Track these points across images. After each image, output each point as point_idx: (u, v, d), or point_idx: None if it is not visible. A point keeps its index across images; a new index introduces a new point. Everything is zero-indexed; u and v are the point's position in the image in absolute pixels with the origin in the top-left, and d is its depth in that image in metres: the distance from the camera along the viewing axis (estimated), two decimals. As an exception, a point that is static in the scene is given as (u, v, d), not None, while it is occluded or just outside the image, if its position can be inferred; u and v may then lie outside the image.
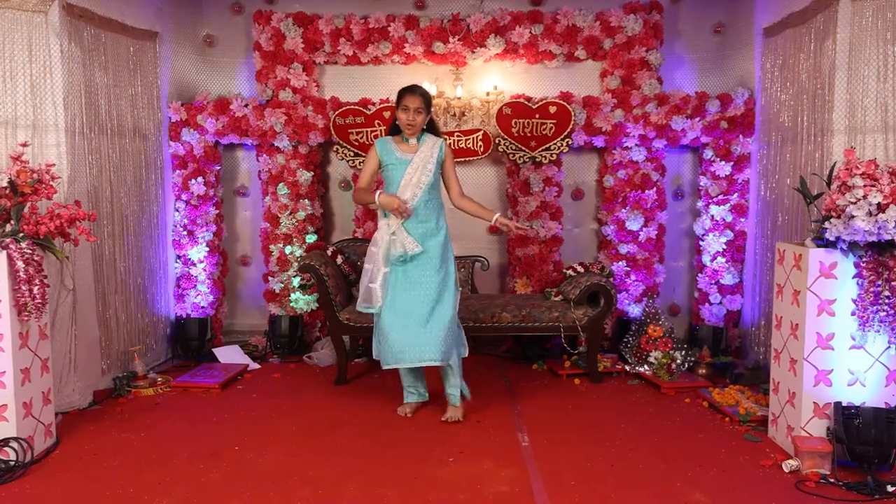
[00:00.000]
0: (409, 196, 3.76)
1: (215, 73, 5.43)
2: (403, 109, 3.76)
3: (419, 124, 3.79)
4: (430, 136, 3.89)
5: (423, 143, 3.84)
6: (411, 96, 3.76)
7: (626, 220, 5.14)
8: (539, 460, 3.32)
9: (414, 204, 3.76)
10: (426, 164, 3.80)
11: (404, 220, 3.75)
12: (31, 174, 3.34)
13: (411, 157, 3.80)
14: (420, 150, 3.82)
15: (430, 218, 3.82)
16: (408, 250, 3.74)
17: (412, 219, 3.76)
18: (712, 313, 5.13)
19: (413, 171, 3.78)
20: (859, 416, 3.14)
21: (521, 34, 5.10)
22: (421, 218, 3.78)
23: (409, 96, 3.76)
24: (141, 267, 4.78)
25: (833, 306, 3.23)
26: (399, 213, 3.70)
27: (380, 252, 3.79)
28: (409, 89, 3.79)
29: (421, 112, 3.77)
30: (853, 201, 3.05)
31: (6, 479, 3.10)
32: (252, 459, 3.34)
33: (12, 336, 3.22)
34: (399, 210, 3.68)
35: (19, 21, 3.78)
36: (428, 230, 3.80)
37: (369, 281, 3.81)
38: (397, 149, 3.84)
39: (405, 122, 3.77)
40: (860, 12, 3.72)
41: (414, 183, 3.78)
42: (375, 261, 3.80)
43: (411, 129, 3.79)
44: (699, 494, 2.97)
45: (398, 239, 3.75)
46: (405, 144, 3.85)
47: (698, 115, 5.01)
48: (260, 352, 5.23)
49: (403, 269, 3.78)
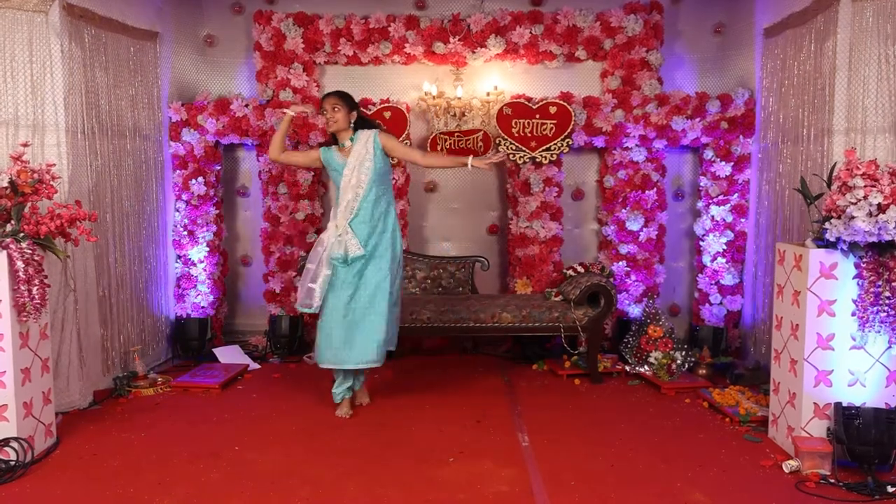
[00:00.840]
0: (352, 196, 3.83)
1: (216, 73, 5.43)
2: (322, 112, 3.94)
3: (341, 121, 3.89)
4: (363, 132, 3.95)
5: (356, 141, 3.92)
6: (325, 99, 3.93)
7: (626, 220, 5.14)
8: (539, 460, 3.32)
9: (358, 203, 3.83)
10: (362, 162, 3.86)
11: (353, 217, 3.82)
12: (32, 174, 3.34)
13: (346, 160, 3.90)
14: (354, 150, 3.89)
15: (377, 216, 3.88)
16: (349, 253, 3.81)
17: (359, 217, 3.83)
18: (712, 314, 5.13)
19: (350, 172, 3.86)
20: (859, 416, 3.14)
21: (521, 34, 5.10)
22: (366, 217, 3.85)
23: (324, 100, 3.93)
24: (141, 267, 4.78)
25: (833, 307, 3.23)
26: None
27: (324, 253, 3.85)
28: (325, 95, 3.97)
29: (338, 109, 3.88)
30: (853, 202, 3.05)
31: (6, 479, 3.10)
32: (252, 459, 3.34)
33: (13, 336, 3.22)
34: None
35: (20, 21, 3.78)
36: (374, 229, 3.86)
37: (310, 280, 3.85)
38: (337, 154, 3.95)
39: (327, 123, 3.92)
40: (860, 13, 3.72)
41: (353, 184, 3.85)
42: (318, 260, 3.86)
43: (333, 126, 3.91)
44: (699, 494, 2.97)
45: (343, 240, 3.81)
46: (342, 150, 3.96)
47: (698, 116, 5.01)
48: (260, 352, 5.24)
49: (344, 269, 3.83)
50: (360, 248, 3.81)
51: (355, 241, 3.81)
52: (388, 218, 3.91)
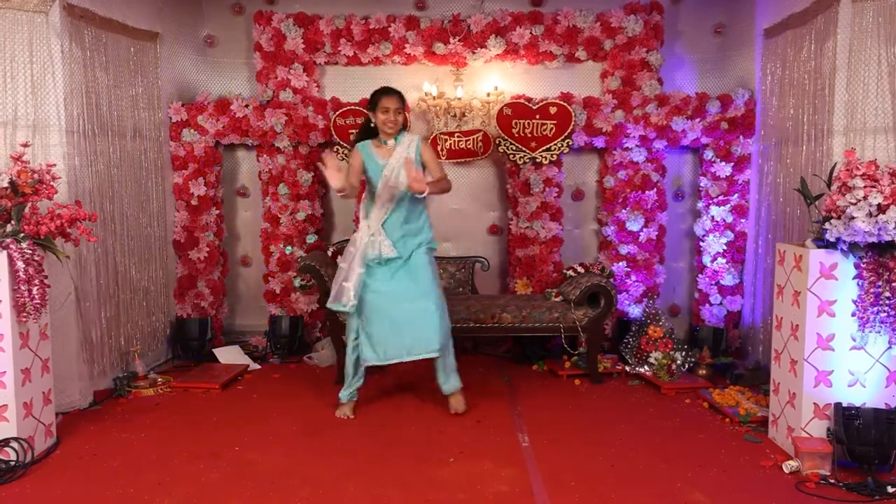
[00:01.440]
0: (388, 198, 3.81)
1: (216, 73, 5.43)
2: (384, 111, 3.82)
3: (399, 124, 3.85)
4: (406, 135, 3.93)
5: (399, 143, 3.87)
6: (389, 97, 3.83)
7: (626, 220, 5.14)
8: (539, 460, 3.32)
9: (394, 205, 3.81)
10: (402, 165, 3.82)
11: (386, 218, 3.80)
12: (32, 174, 3.34)
13: (387, 161, 3.84)
14: (396, 151, 3.85)
15: (412, 219, 3.86)
16: (383, 254, 3.79)
17: (394, 219, 3.81)
18: (712, 314, 5.13)
19: (389, 174, 3.82)
20: (859, 416, 3.14)
21: (521, 35, 5.10)
22: (402, 219, 3.83)
23: (387, 97, 3.83)
24: (141, 267, 4.78)
25: (833, 307, 3.23)
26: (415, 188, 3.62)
27: (357, 252, 3.81)
28: (385, 91, 3.87)
29: (400, 112, 3.85)
30: (853, 202, 3.05)
31: (6, 480, 3.10)
32: (252, 459, 3.34)
33: (13, 336, 3.22)
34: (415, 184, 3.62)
35: (20, 21, 3.78)
36: (409, 231, 3.85)
37: (343, 279, 3.83)
38: (376, 153, 3.88)
39: (385, 121, 3.81)
40: (860, 13, 3.72)
41: (391, 185, 3.82)
42: (351, 260, 3.83)
43: (392, 129, 3.83)
44: (699, 495, 2.97)
45: (376, 241, 3.80)
46: (383, 148, 3.89)
47: (699, 116, 5.01)
48: (260, 352, 5.23)
49: (382, 269, 3.82)
50: (392, 249, 3.80)
51: (388, 242, 3.81)
52: (421, 219, 3.91)
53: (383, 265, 3.82)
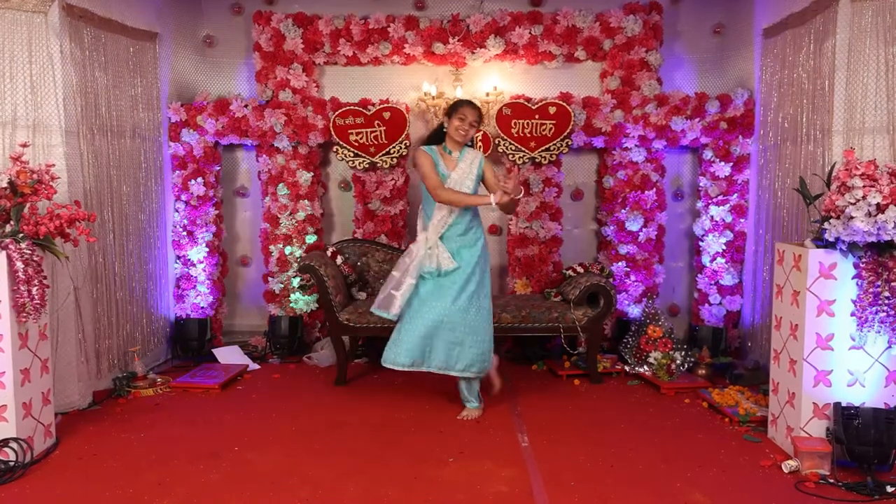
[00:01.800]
0: (447, 211, 3.83)
1: (215, 73, 5.43)
2: (461, 118, 3.82)
3: (470, 136, 3.88)
4: (470, 150, 3.96)
5: (463, 158, 3.90)
6: (470, 109, 3.85)
7: (625, 220, 5.14)
8: (539, 461, 3.32)
9: (453, 218, 3.83)
10: (464, 180, 3.86)
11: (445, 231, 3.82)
12: (31, 174, 3.34)
13: (450, 174, 3.86)
14: (459, 166, 3.88)
15: (469, 230, 3.89)
16: (442, 267, 3.79)
17: (452, 232, 3.83)
18: (712, 314, 5.13)
19: (452, 186, 3.83)
20: (859, 416, 3.14)
21: (520, 35, 5.10)
22: (459, 230, 3.85)
23: (467, 108, 3.84)
24: (140, 267, 4.78)
25: (832, 307, 3.24)
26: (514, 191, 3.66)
27: (412, 264, 3.82)
28: (468, 101, 3.92)
29: (475, 126, 3.86)
30: (852, 202, 3.05)
31: (6, 480, 3.09)
32: (252, 460, 3.34)
33: (12, 336, 3.22)
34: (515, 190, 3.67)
35: (19, 21, 3.78)
36: (465, 242, 3.87)
37: (392, 287, 3.84)
38: (441, 162, 3.89)
39: (458, 129, 3.82)
40: (860, 13, 3.72)
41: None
42: (405, 271, 3.83)
43: (462, 138, 3.85)
44: (699, 495, 2.97)
45: (434, 254, 3.80)
46: (447, 157, 3.91)
47: (698, 116, 5.01)
48: (260, 352, 5.24)
49: (438, 281, 3.82)
50: (451, 261, 3.80)
51: (447, 254, 3.82)
52: (477, 231, 3.93)
53: (443, 276, 3.81)
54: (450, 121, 3.86)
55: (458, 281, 3.80)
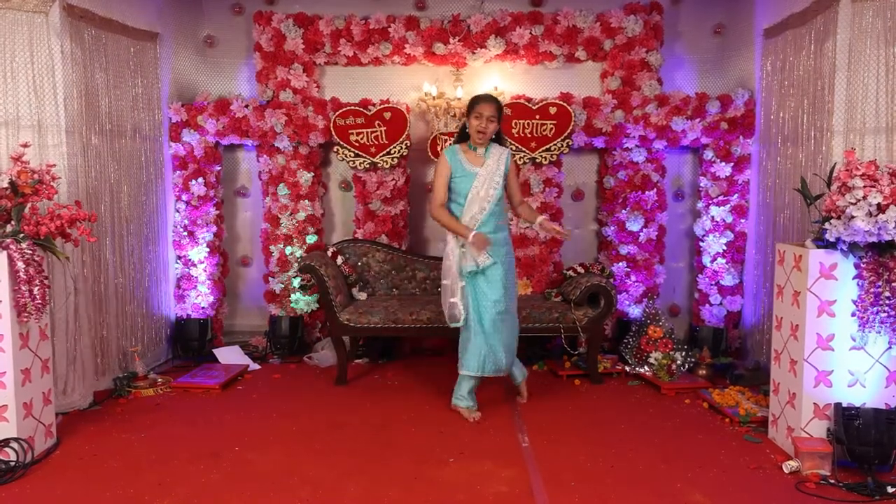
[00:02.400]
0: (477, 209, 3.81)
1: (216, 73, 5.43)
2: (477, 116, 3.79)
3: (490, 132, 3.83)
4: (496, 146, 3.92)
5: (490, 155, 3.87)
6: (486, 104, 3.81)
7: (626, 220, 5.14)
8: (539, 461, 3.32)
9: (483, 217, 3.81)
10: (493, 176, 3.83)
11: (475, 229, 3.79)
12: (32, 175, 3.34)
13: (478, 170, 3.83)
14: (487, 163, 3.84)
15: (499, 229, 3.88)
16: (479, 264, 3.79)
17: (482, 230, 3.79)
18: (712, 314, 5.13)
19: (480, 185, 3.81)
20: (859, 416, 3.14)
21: (521, 35, 5.10)
22: (491, 229, 3.83)
23: (483, 104, 3.81)
24: (141, 267, 4.78)
25: (833, 307, 3.23)
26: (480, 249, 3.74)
27: (454, 266, 3.84)
28: (483, 97, 3.87)
29: (493, 121, 3.81)
30: (853, 202, 3.05)
31: (6, 480, 3.10)
32: (252, 460, 3.34)
33: (13, 337, 3.22)
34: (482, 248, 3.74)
35: (20, 22, 3.78)
36: (497, 241, 3.84)
37: (449, 296, 3.87)
38: (465, 160, 3.86)
39: (477, 128, 3.79)
40: (860, 14, 3.72)
41: (482, 196, 3.81)
42: (451, 275, 3.85)
43: (483, 136, 3.82)
44: (699, 495, 2.97)
45: (468, 252, 3.79)
46: (472, 154, 3.87)
47: (698, 116, 5.01)
48: (260, 352, 5.24)
49: (481, 278, 3.82)
50: (487, 257, 3.78)
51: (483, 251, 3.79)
52: (506, 229, 3.94)
53: (483, 273, 3.81)
54: (469, 120, 3.85)
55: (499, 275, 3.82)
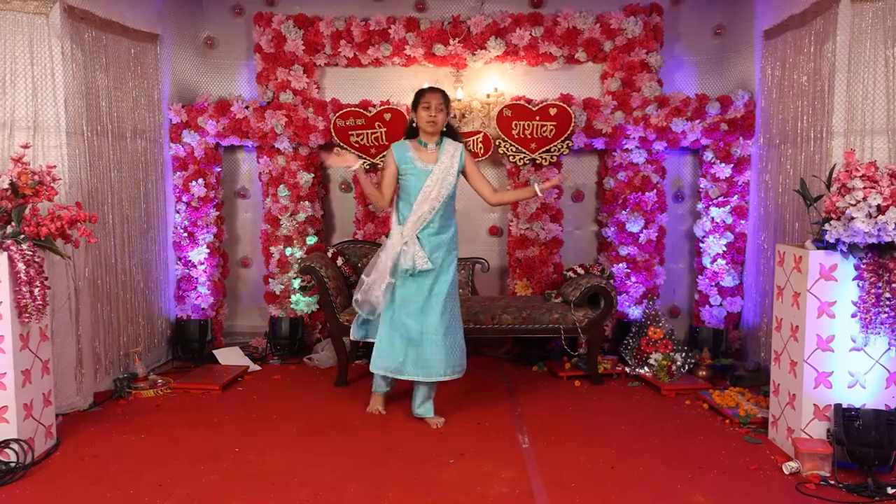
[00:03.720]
0: (427, 209, 3.66)
1: (216, 74, 5.43)
2: (425, 107, 3.67)
3: (441, 123, 3.69)
4: (450, 142, 3.76)
5: (444, 151, 3.72)
6: (432, 94, 3.69)
7: (626, 221, 5.14)
8: (539, 462, 3.32)
9: (431, 216, 3.68)
10: (447, 175, 3.68)
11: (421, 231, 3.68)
12: (32, 176, 3.34)
13: (432, 168, 3.68)
14: (441, 159, 3.70)
15: (444, 229, 3.73)
16: (417, 266, 3.65)
17: (429, 231, 3.68)
18: (712, 315, 5.13)
19: (433, 185, 3.66)
20: (859, 417, 3.14)
21: (521, 36, 5.11)
22: (437, 229, 3.70)
23: (429, 94, 3.69)
24: (141, 268, 4.78)
25: (833, 308, 3.24)
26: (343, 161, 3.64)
27: (388, 261, 3.68)
28: (428, 88, 3.75)
29: (442, 110, 3.67)
30: (853, 203, 3.05)
31: (6, 481, 3.10)
32: (252, 461, 3.34)
33: (13, 337, 3.22)
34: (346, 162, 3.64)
35: (20, 23, 3.79)
36: (442, 241, 3.72)
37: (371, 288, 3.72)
38: (416, 157, 3.72)
39: (426, 119, 3.66)
40: (860, 15, 3.72)
41: (433, 197, 3.67)
42: (382, 269, 3.69)
43: (433, 126, 3.67)
44: (699, 496, 2.97)
45: (409, 251, 3.65)
46: (424, 151, 3.73)
47: (698, 118, 5.01)
48: (260, 353, 5.24)
49: (411, 281, 3.70)
50: (427, 261, 3.64)
51: (422, 253, 3.65)
52: (452, 228, 3.78)
53: (415, 276, 3.68)
54: (417, 114, 3.71)
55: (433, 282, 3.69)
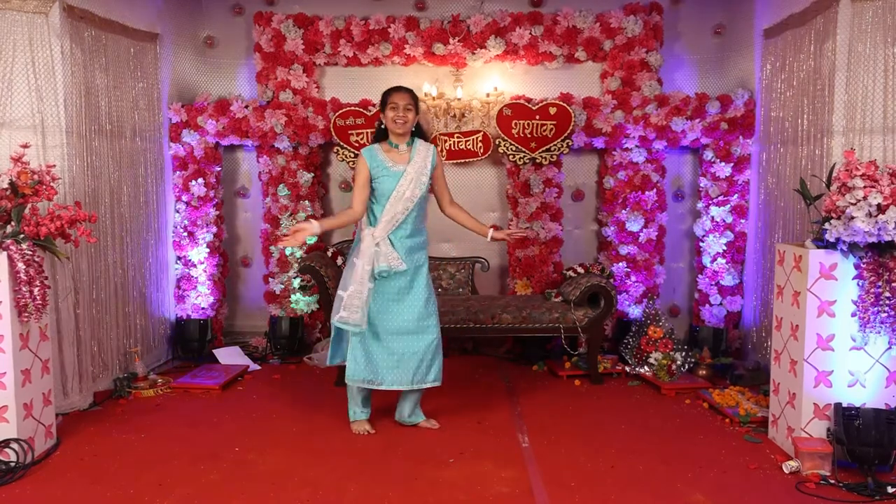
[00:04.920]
0: (401, 209, 3.56)
1: (216, 74, 5.43)
2: (392, 107, 3.55)
3: (410, 122, 3.58)
4: (421, 143, 3.68)
5: (416, 152, 3.63)
6: (399, 94, 3.56)
7: (626, 221, 5.14)
8: (539, 461, 3.32)
9: (404, 217, 3.59)
10: (420, 175, 3.59)
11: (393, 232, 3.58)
12: (32, 175, 3.34)
13: (404, 169, 3.58)
14: (413, 160, 3.60)
15: (417, 232, 3.65)
16: (392, 267, 3.55)
17: (401, 232, 3.59)
18: (712, 314, 5.13)
19: (406, 185, 3.56)
20: (859, 417, 3.14)
21: (521, 35, 5.10)
22: (410, 232, 3.62)
23: (396, 94, 3.56)
24: (141, 268, 4.78)
25: (833, 307, 3.23)
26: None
27: (366, 265, 3.52)
28: (395, 88, 3.62)
29: (410, 109, 3.56)
30: (853, 202, 3.05)
31: (6, 481, 3.10)
32: (252, 460, 3.34)
33: (13, 337, 3.22)
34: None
35: (20, 22, 3.78)
36: (416, 244, 3.64)
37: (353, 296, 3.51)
38: (387, 158, 3.61)
39: (394, 119, 3.54)
40: (860, 14, 3.72)
41: (406, 197, 3.57)
42: (361, 276, 3.52)
43: (402, 127, 3.56)
44: (699, 495, 2.97)
45: (382, 252, 3.54)
46: (395, 152, 3.63)
47: (698, 117, 5.01)
48: (260, 353, 5.24)
49: (387, 284, 3.59)
50: (401, 262, 3.55)
51: (395, 254, 3.55)
52: (425, 237, 3.71)
53: (390, 278, 3.57)
54: (384, 115, 3.59)
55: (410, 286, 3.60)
